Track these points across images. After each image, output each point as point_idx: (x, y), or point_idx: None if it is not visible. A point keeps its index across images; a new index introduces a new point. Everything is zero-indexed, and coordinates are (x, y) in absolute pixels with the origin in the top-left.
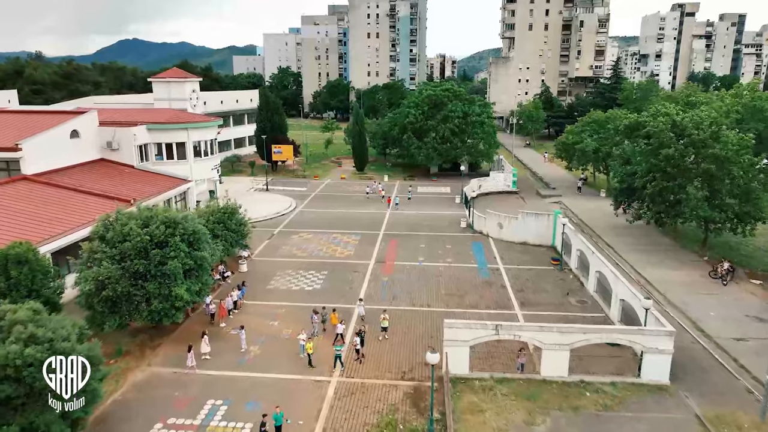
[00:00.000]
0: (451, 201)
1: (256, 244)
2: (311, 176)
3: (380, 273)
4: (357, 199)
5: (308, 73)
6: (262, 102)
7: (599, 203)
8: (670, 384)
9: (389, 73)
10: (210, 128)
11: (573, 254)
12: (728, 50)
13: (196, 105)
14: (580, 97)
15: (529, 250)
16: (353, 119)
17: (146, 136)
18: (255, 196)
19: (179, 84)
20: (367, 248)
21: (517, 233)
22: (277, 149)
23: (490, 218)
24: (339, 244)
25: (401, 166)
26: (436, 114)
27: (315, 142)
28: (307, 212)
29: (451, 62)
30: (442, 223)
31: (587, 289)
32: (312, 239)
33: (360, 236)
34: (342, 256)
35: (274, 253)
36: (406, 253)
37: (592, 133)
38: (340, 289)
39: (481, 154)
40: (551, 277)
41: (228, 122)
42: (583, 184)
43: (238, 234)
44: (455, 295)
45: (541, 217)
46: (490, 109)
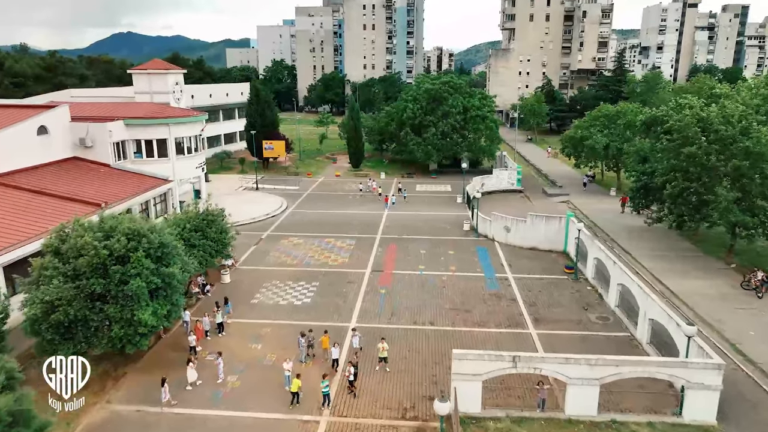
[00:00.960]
0: (452, 200)
1: (242, 249)
2: (304, 173)
3: (377, 284)
4: (352, 198)
5: (303, 66)
6: (253, 95)
7: (610, 203)
8: (717, 424)
9: (386, 65)
10: (194, 123)
11: (589, 262)
12: (731, 42)
13: (181, 98)
14: (583, 90)
15: (539, 257)
16: (348, 113)
17: (123, 133)
18: (243, 195)
19: (161, 76)
20: (363, 255)
21: (526, 238)
22: (268, 145)
23: (496, 221)
24: (332, 249)
25: (399, 162)
26: (435, 109)
27: (309, 137)
28: (299, 213)
29: (448, 55)
30: (444, 225)
31: (607, 303)
32: (303, 244)
33: (355, 241)
34: (335, 264)
35: (261, 260)
36: (406, 261)
37: (601, 128)
38: (332, 304)
39: (483, 150)
40: (566, 288)
41: (217, 117)
42: (590, 181)
43: (219, 243)
44: (461, 310)
45: (552, 220)
46: (491, 103)
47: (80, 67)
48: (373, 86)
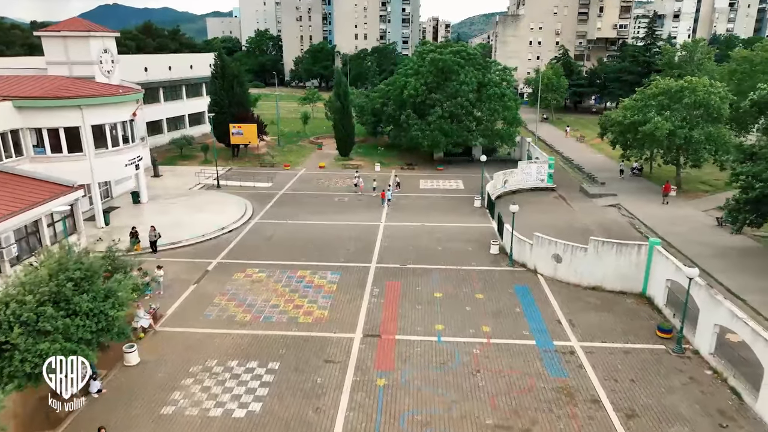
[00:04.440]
0: (467, 203)
1: (175, 292)
2: (282, 164)
3: (372, 367)
4: (339, 199)
5: (289, 37)
6: (218, 68)
7: (677, 208)
8: None
9: (379, 35)
10: (122, 104)
11: (706, 329)
12: (753, 10)
13: (113, 71)
14: (604, 62)
15: (609, 303)
16: (335, 90)
17: (15, 119)
18: (198, 197)
19: (81, 40)
20: (352, 302)
21: (587, 273)
22: (236, 130)
23: (541, 246)
24: (306, 292)
25: (396, 149)
26: (442, 85)
27: (291, 115)
28: (267, 226)
29: (444, 26)
30: (463, 245)
31: (753, 409)
32: (264, 283)
33: (340, 274)
34: (308, 322)
35: (198, 314)
36: (415, 313)
37: (659, 110)
38: (297, 417)
39: (500, 135)
40: (671, 371)
41: (179, 94)
42: (635, 175)
43: (103, 320)
44: (516, 430)
45: (628, 249)
46: (511, 77)
47: (30, 36)
48: (365, 58)
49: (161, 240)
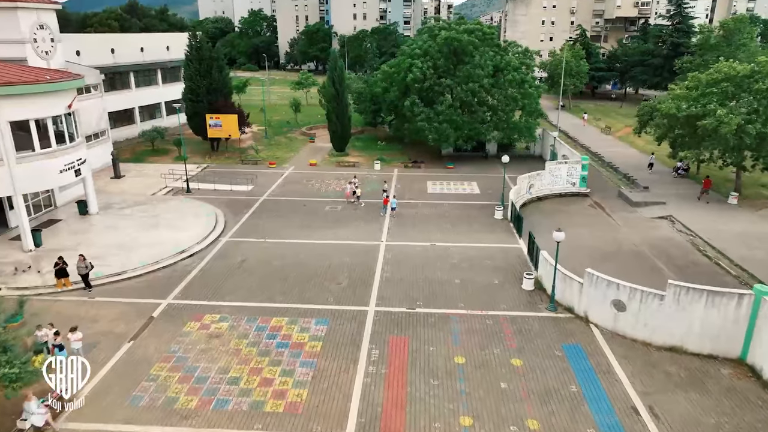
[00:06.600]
0: (486, 213)
1: (103, 354)
2: (267, 160)
3: None
4: (331, 208)
5: (284, 17)
6: (193, 50)
7: (745, 221)
8: None
9: (379, 15)
10: (52, 94)
11: None
12: None
13: (52, 52)
14: (625, 44)
15: (697, 375)
16: (329, 74)
17: None
18: (162, 205)
19: (6, 12)
20: (341, 373)
21: (661, 327)
22: (213, 121)
23: (595, 286)
24: (280, 354)
25: (399, 143)
26: (453, 69)
27: (283, 102)
28: (238, 246)
29: (447, 6)
30: (486, 274)
31: None
32: (224, 339)
33: (327, 324)
34: (279, 413)
35: (122, 400)
36: (429, 396)
37: (723, 99)
38: None
39: (519, 129)
40: None
41: (154, 79)
42: (681, 175)
43: None
44: None
45: (725, 300)
46: (532, 61)
47: None
48: (364, 40)
49: (98, 270)
